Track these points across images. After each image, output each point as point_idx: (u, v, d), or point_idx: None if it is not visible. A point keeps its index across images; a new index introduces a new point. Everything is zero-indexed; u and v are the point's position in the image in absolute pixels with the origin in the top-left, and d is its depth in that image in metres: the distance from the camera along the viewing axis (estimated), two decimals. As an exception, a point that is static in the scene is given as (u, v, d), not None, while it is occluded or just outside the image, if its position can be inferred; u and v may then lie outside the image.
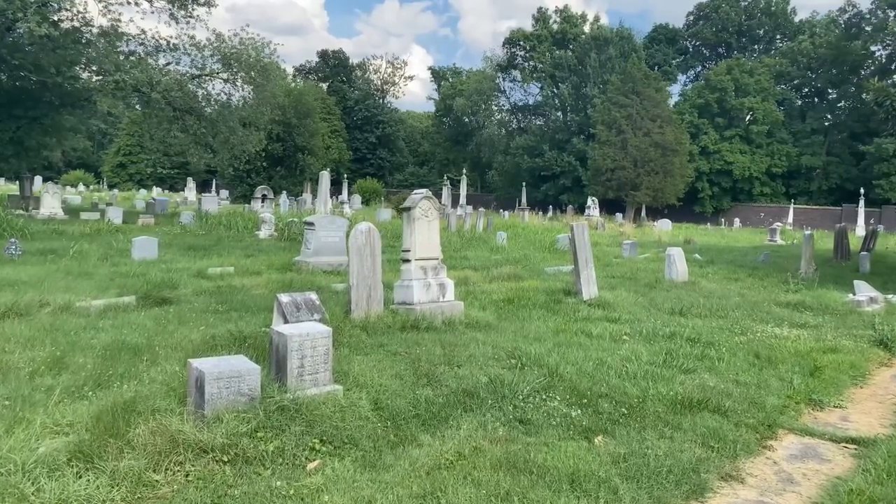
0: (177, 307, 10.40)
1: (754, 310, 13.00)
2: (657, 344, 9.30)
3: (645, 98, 61.19)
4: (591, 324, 10.43)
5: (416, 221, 9.90)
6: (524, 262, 20.48)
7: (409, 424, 5.78)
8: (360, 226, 9.13)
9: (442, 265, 10.34)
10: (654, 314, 11.96)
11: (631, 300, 13.19)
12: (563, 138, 73.81)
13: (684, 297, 14.19)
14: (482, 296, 12.87)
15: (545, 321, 10.57)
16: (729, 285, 17.17)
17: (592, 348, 8.68)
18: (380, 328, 8.83)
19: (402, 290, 10.02)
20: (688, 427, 6.08)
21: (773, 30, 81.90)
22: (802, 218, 61.07)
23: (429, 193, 10.17)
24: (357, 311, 9.16)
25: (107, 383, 6.28)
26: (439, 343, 8.27)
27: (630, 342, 9.33)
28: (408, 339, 8.53)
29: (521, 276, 16.62)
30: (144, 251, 17.58)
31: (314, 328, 6.16)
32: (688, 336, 9.79)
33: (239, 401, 5.37)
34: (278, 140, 74.46)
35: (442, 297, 10.14)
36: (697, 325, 10.84)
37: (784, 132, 70.30)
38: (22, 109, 31.04)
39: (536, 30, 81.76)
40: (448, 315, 9.81)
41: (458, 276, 15.53)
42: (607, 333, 9.73)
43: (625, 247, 24.98)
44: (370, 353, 7.68)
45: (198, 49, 32.02)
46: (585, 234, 13.28)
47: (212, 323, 9.09)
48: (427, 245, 10.06)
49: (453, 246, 23.86)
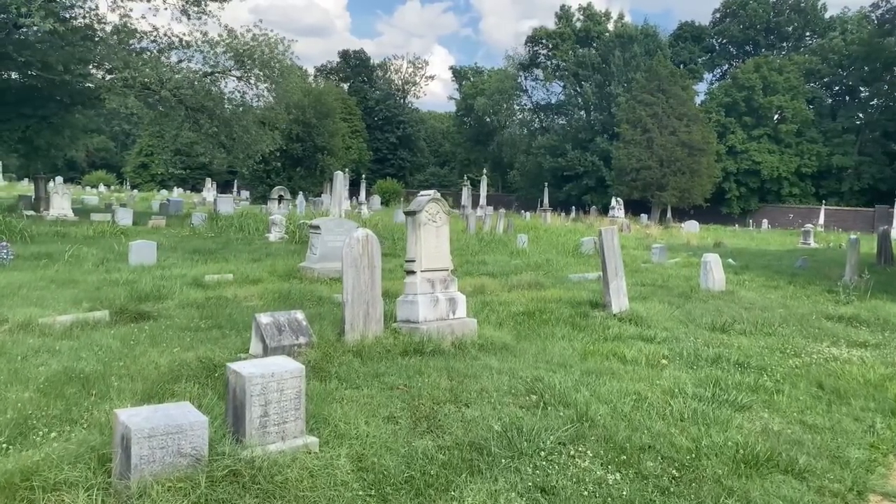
0: (154, 323, 9.22)
1: (803, 325, 11.66)
2: (702, 370, 8.02)
3: (671, 96, 59.61)
4: (623, 344, 9.15)
5: (421, 227, 8.67)
6: (546, 268, 19.21)
7: (399, 494, 4.49)
8: (355, 233, 7.89)
9: (452, 277, 9.13)
10: (692, 331, 10.66)
11: (665, 313, 11.89)
12: (587, 137, 72.48)
13: (724, 309, 12.87)
14: (500, 308, 11.63)
15: (570, 340, 9.30)
16: (769, 294, 15.80)
17: (627, 377, 7.40)
18: (377, 353, 7.60)
19: (405, 307, 8.80)
20: (758, 499, 4.78)
21: (802, 27, 79.85)
22: (833, 219, 59.33)
23: (436, 195, 8.94)
24: (352, 332, 7.90)
25: (33, 430, 5.09)
26: (446, 372, 7.05)
27: (670, 368, 8.05)
28: (409, 366, 7.30)
29: (543, 284, 15.34)
30: (142, 256, 16.49)
31: (282, 366, 4.89)
32: (735, 360, 8.50)
33: (179, 464, 4.15)
34: (298, 140, 73.68)
35: (452, 314, 8.89)
36: (744, 345, 9.54)
37: (814, 131, 68.58)
38: (31, 108, 30.17)
39: (559, 28, 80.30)
40: (459, 335, 8.59)
41: (474, 284, 14.36)
42: (643, 357, 8.44)
43: (654, 251, 23.59)
44: (362, 387, 6.45)
45: (210, 46, 30.97)
46: (615, 239, 12.00)
47: (188, 343, 7.92)
48: (435, 254, 8.82)
49: (471, 249, 22.66)
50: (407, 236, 8.76)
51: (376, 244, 7.95)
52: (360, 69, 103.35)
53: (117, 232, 23.59)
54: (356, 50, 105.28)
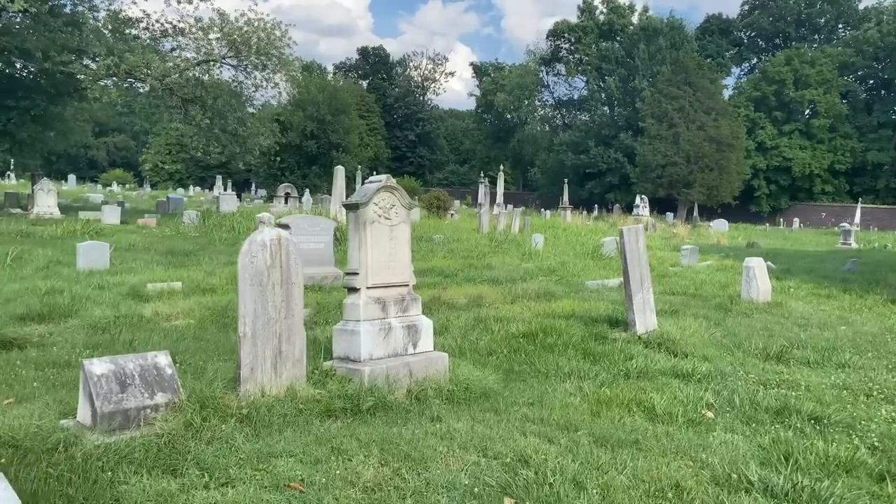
0: (11, 356, 6.93)
1: (877, 348, 9.23)
2: (763, 431, 5.62)
3: (698, 89, 56.96)
4: (651, 385, 6.77)
5: (367, 227, 6.23)
6: (561, 273, 16.83)
7: None
8: (260, 235, 5.54)
9: (414, 296, 6.82)
10: (741, 360, 8.26)
11: (703, 334, 9.47)
12: (610, 134, 70.11)
13: (774, 327, 10.45)
14: (496, 326, 9.30)
15: (581, 379, 6.93)
16: (822, 305, 13.34)
17: (657, 450, 4.99)
18: (282, 415, 5.22)
19: (343, 338, 6.38)
20: None
21: (835, 18, 76.91)
22: (870, 218, 56.39)
23: (391, 182, 6.46)
24: (250, 382, 5.45)
25: None
26: (380, 449, 4.68)
27: (719, 428, 5.67)
28: (327, 437, 4.92)
29: (554, 293, 12.97)
30: (92, 259, 14.35)
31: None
32: (809, 412, 6.08)
33: None
34: (312, 137, 71.87)
35: (411, 348, 6.52)
36: (812, 384, 7.14)
37: (848, 126, 65.93)
38: (13, 99, 28.18)
39: (582, 21, 77.88)
40: (420, 378, 6.23)
41: (469, 294, 12.08)
42: (679, 407, 6.06)
43: (684, 253, 21.11)
44: (235, 483, 4.08)
45: (203, 32, 28.83)
46: (640, 241, 9.60)
47: (27, 393, 5.64)
48: (387, 264, 6.38)
49: (478, 251, 20.32)
50: (348, 239, 6.40)
51: (294, 251, 5.59)
52: (378, 66, 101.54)
53: (94, 231, 21.61)
54: (375, 47, 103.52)
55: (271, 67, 29.70)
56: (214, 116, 28.91)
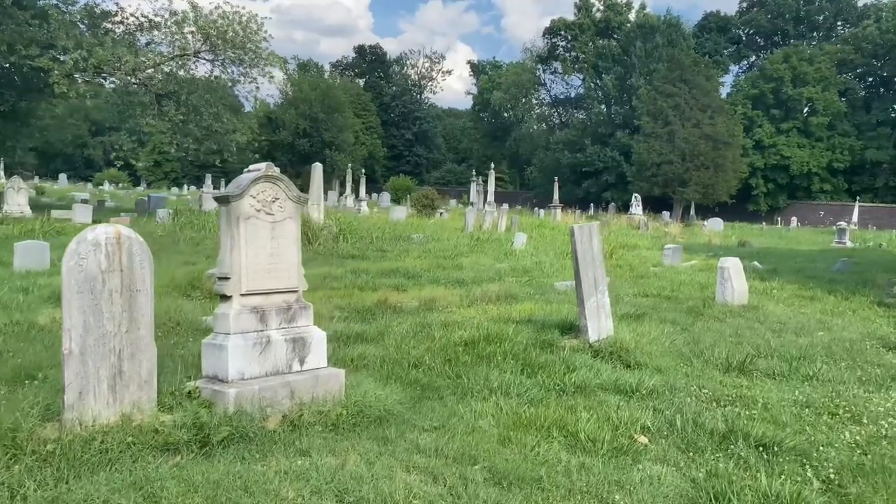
0: None
1: (854, 357, 8.39)
2: (700, 461, 4.79)
3: (694, 86, 56.01)
4: (585, 402, 5.92)
5: (242, 223, 5.32)
6: (534, 273, 16.02)
7: None
8: (91, 233, 4.58)
9: (304, 304, 5.88)
10: (698, 371, 7.42)
11: (664, 342, 8.62)
12: (607, 132, 69.28)
13: (745, 333, 9.61)
14: (439, 332, 8.47)
15: (505, 396, 6.04)
16: (804, 308, 12.48)
17: (563, 487, 4.13)
18: (102, 451, 4.24)
19: (211, 354, 5.42)
20: None
21: (834, 15, 76.04)
22: (868, 217, 55.61)
23: (273, 171, 5.51)
24: (75, 409, 4.47)
25: None
26: (203, 499, 3.76)
27: (647, 461, 4.82)
28: (147, 482, 3.93)
29: (517, 295, 12.15)
30: (29, 260, 13.57)
31: None
32: (759, 435, 5.23)
33: None
34: (305, 136, 71.02)
35: (297, 366, 5.54)
36: (772, 401, 6.29)
37: (847, 124, 65.06)
38: (-21, 96, 27.47)
39: (578, 19, 76.94)
40: (306, 400, 5.32)
41: (423, 297, 11.26)
42: (608, 430, 5.20)
43: (666, 252, 20.24)
44: None
45: (178, 26, 27.96)
46: (594, 241, 8.75)
47: None
48: (267, 267, 5.43)
49: (454, 251, 19.50)
50: (219, 237, 5.50)
51: (141, 251, 4.72)
52: (375, 64, 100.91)
53: (55, 231, 20.76)
54: (372, 45, 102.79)
55: (248, 62, 28.80)
56: (189, 112, 28.06)
